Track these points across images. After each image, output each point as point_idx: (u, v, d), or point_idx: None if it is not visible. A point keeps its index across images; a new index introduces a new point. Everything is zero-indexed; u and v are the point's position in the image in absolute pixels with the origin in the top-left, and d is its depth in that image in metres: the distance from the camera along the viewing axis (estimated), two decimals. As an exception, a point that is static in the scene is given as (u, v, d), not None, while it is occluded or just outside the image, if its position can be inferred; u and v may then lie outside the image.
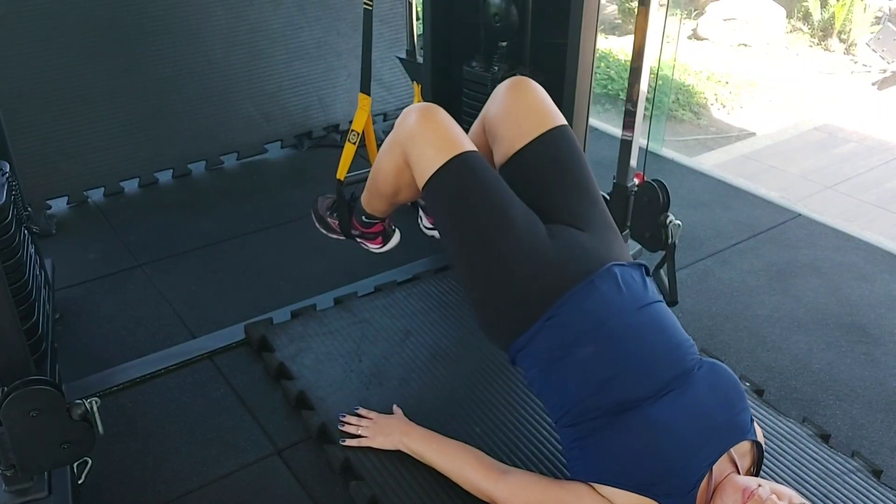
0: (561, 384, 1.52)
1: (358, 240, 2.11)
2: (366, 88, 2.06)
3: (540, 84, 2.32)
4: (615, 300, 1.53)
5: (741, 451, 1.48)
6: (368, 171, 2.17)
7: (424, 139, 1.64)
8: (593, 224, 1.67)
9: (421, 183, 1.65)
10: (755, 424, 1.55)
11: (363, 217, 2.02)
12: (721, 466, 1.43)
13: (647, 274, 1.65)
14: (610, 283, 1.55)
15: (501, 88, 1.79)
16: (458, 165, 1.60)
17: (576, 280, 1.53)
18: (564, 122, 1.75)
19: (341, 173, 2.09)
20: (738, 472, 1.44)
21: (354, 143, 2.06)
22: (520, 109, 1.74)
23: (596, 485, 1.44)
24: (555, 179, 1.70)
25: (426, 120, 1.64)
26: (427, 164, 1.63)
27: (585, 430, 1.48)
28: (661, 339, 1.54)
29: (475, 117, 2.50)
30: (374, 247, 2.12)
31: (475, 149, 1.65)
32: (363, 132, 2.09)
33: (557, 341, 1.52)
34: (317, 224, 2.18)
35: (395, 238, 2.11)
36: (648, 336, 1.53)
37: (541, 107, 1.75)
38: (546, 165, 1.71)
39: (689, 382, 1.50)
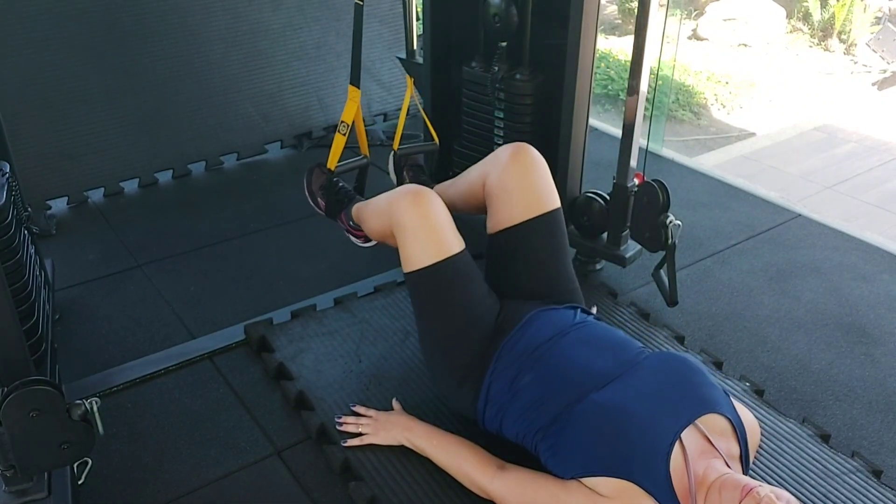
0: (518, 413, 1.61)
1: (341, 226, 2.19)
2: (355, 81, 2.11)
3: (540, 84, 2.35)
4: (544, 332, 1.66)
5: (712, 426, 1.48)
6: (358, 161, 2.28)
7: (412, 233, 1.69)
8: (553, 299, 1.81)
9: (403, 267, 1.73)
10: (737, 404, 1.58)
11: (351, 222, 2.12)
12: (691, 441, 1.43)
13: (586, 313, 1.78)
14: (538, 322, 1.69)
15: (505, 155, 1.84)
16: (437, 273, 1.68)
17: (509, 333, 1.67)
18: (557, 205, 1.84)
19: (332, 163, 2.14)
20: (716, 449, 1.44)
21: (344, 135, 2.13)
22: (517, 186, 1.81)
23: (580, 478, 1.46)
24: (531, 266, 1.83)
25: (417, 214, 1.69)
26: (409, 257, 1.71)
27: (549, 440, 1.54)
28: (597, 342, 1.65)
29: (474, 118, 2.54)
30: (357, 241, 2.19)
31: (461, 247, 1.71)
32: (353, 123, 2.14)
33: (505, 384, 1.63)
34: (306, 193, 2.26)
35: None
36: (582, 344, 1.64)
37: (536, 187, 1.82)
38: (526, 252, 1.83)
39: (634, 368, 1.57)
